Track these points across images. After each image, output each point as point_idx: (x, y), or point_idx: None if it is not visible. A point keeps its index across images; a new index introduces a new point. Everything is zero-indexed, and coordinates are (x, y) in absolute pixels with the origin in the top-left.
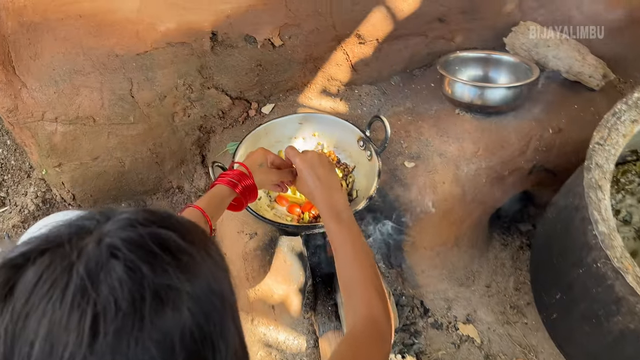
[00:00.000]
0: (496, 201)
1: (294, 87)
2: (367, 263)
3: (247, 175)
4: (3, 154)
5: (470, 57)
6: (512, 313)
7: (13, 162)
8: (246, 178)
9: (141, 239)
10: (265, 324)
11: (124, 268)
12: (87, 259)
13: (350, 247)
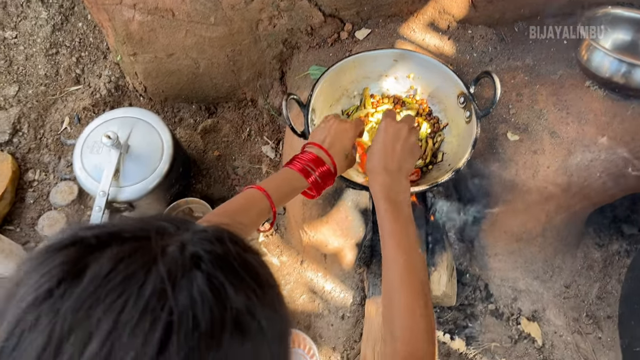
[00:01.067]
0: (606, 199)
1: (397, 13)
2: (419, 271)
3: (323, 162)
4: (82, 29)
5: (624, 16)
6: (586, 323)
7: (91, 39)
8: (323, 164)
9: (227, 256)
10: (315, 270)
11: (207, 282)
12: (170, 262)
13: (405, 245)
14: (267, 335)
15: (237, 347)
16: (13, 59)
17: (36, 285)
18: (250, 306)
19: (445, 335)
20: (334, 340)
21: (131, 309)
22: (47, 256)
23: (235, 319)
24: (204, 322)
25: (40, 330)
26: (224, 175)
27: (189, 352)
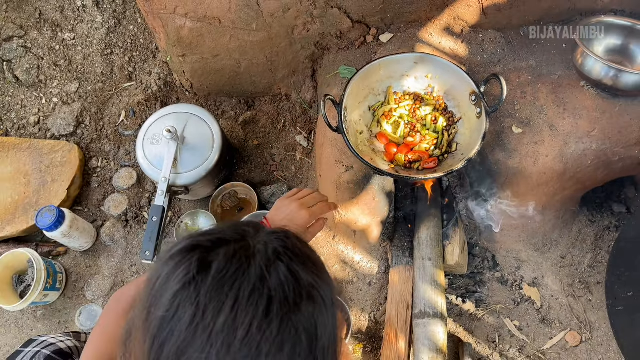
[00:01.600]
0: (596, 183)
1: (417, 19)
2: None
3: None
4: (134, 31)
5: (616, 24)
6: (579, 287)
7: (142, 41)
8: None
9: (295, 249)
10: (345, 243)
11: (287, 269)
12: (262, 255)
13: None
14: (326, 301)
15: (310, 311)
16: (72, 58)
17: (181, 276)
18: (314, 282)
19: (458, 299)
20: (362, 302)
21: (245, 289)
22: (181, 257)
23: (307, 292)
24: (291, 294)
25: (191, 304)
26: (263, 161)
27: (283, 315)
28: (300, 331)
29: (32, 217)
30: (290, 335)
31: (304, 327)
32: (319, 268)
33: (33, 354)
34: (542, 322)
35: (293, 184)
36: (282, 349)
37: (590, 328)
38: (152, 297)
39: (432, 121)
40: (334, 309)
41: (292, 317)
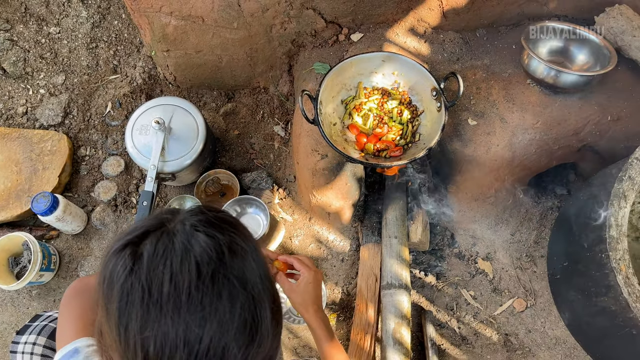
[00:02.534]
0: (540, 169)
1: (384, 21)
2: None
3: None
4: (118, 26)
5: (557, 28)
6: (525, 261)
7: (126, 35)
8: None
9: (210, 219)
10: (320, 224)
11: (205, 236)
12: (181, 233)
13: (337, 349)
14: (247, 249)
15: (235, 261)
16: (58, 51)
17: (121, 271)
18: (232, 238)
19: (420, 273)
20: (336, 277)
21: (175, 262)
22: (117, 256)
23: (228, 247)
24: (213, 254)
25: (137, 289)
26: (244, 150)
27: (213, 271)
28: (231, 279)
29: (25, 202)
30: (223, 285)
31: (233, 275)
32: (235, 226)
33: (41, 327)
34: (494, 291)
35: (272, 170)
36: (220, 297)
37: (535, 295)
38: (105, 295)
39: (398, 114)
40: (256, 253)
41: (220, 271)
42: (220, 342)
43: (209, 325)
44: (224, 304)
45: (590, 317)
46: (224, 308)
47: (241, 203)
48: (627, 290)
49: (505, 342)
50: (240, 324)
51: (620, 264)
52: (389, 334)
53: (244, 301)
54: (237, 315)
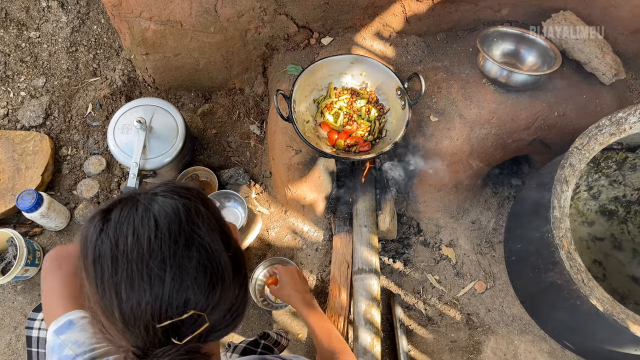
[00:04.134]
0: (496, 161)
1: (352, 26)
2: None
3: None
4: (97, 31)
5: (508, 32)
6: (485, 246)
7: (105, 39)
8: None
9: (172, 187)
10: (295, 216)
11: (164, 198)
12: (144, 199)
13: (326, 323)
14: (201, 211)
15: (190, 217)
16: (38, 55)
17: (92, 232)
18: (190, 201)
19: (389, 260)
20: (311, 265)
21: (137, 220)
22: (90, 222)
23: (184, 206)
24: (169, 211)
25: (105, 244)
26: (221, 148)
27: (168, 223)
28: (186, 230)
29: (8, 201)
30: (179, 234)
31: (190, 227)
32: (195, 193)
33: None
34: (457, 275)
35: (248, 167)
36: (177, 244)
37: (494, 278)
38: (82, 255)
39: (366, 112)
40: (212, 213)
41: (176, 223)
42: (182, 285)
43: (169, 268)
44: (182, 251)
45: (540, 293)
46: (181, 253)
47: (220, 197)
48: (569, 263)
49: (468, 321)
50: (200, 270)
51: (563, 240)
52: (360, 315)
53: (201, 249)
54: (195, 260)
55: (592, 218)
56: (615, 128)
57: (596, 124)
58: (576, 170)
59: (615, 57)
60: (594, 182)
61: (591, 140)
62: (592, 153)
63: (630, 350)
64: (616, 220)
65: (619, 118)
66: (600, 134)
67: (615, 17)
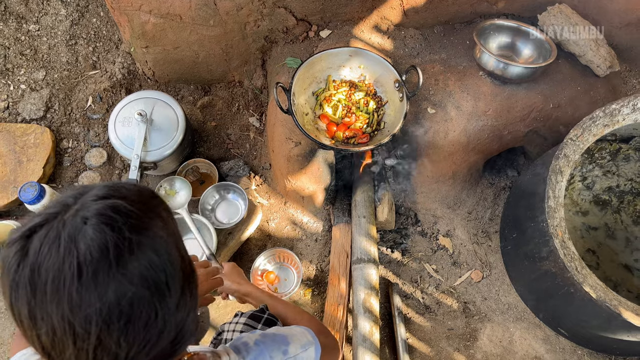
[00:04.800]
0: (492, 152)
1: (350, 19)
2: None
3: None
4: (96, 24)
5: (505, 25)
6: (481, 236)
7: (104, 32)
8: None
9: (103, 209)
10: (295, 208)
11: (93, 230)
12: (69, 228)
13: (290, 305)
14: (144, 243)
15: (121, 259)
16: (38, 48)
17: (12, 262)
18: (121, 234)
19: (387, 250)
20: (310, 256)
21: (58, 261)
22: (12, 247)
23: (114, 244)
24: (96, 253)
25: (22, 281)
26: (221, 140)
27: (94, 271)
28: (116, 276)
29: (11, 193)
30: (107, 283)
31: (120, 272)
32: (137, 215)
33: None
34: (454, 264)
35: (248, 159)
36: (105, 294)
37: (490, 267)
38: (3, 286)
39: (365, 104)
40: (160, 243)
41: (103, 270)
42: (106, 343)
43: (95, 325)
44: (109, 300)
45: (535, 281)
46: (109, 308)
47: (220, 189)
48: (563, 252)
49: (464, 309)
50: (132, 322)
51: (557, 229)
52: (359, 303)
53: (134, 296)
54: (125, 312)
55: (586, 208)
56: (609, 119)
57: (590, 116)
58: (570, 161)
59: (610, 50)
60: (588, 172)
61: (585, 132)
62: (587, 144)
63: (622, 336)
64: (610, 210)
65: (612, 110)
66: (594, 125)
67: (610, 10)
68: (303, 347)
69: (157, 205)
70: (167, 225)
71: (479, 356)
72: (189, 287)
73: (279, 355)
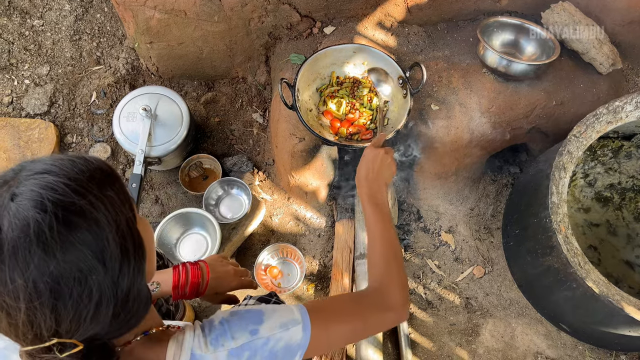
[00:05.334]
0: (495, 149)
1: (354, 15)
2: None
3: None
4: (101, 19)
5: (508, 23)
6: (484, 232)
7: (108, 28)
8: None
9: (35, 185)
10: (298, 204)
11: (17, 208)
12: (1, 197)
13: (381, 228)
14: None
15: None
16: (42, 43)
17: None
18: (41, 218)
19: None
20: (313, 251)
21: None
22: None
23: (36, 227)
24: (17, 230)
25: None
26: (224, 136)
27: (14, 247)
28: (37, 252)
29: None
30: (30, 258)
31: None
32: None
33: None
34: (456, 260)
35: (252, 155)
36: (27, 268)
37: (492, 263)
38: None
39: (368, 101)
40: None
41: (24, 246)
42: (37, 315)
43: (22, 298)
44: (33, 276)
45: (537, 277)
46: (32, 281)
47: (224, 184)
48: (566, 247)
49: (466, 304)
50: (62, 298)
51: (561, 225)
52: None
53: (59, 273)
54: (50, 288)
55: (588, 205)
56: (612, 116)
57: (593, 113)
58: (574, 157)
59: (612, 48)
60: (590, 169)
61: (589, 128)
62: (590, 141)
63: (624, 331)
64: (611, 207)
65: (615, 107)
66: (597, 122)
67: (613, 8)
68: (283, 327)
69: (102, 184)
70: (107, 205)
71: (480, 351)
72: (130, 262)
73: (244, 335)
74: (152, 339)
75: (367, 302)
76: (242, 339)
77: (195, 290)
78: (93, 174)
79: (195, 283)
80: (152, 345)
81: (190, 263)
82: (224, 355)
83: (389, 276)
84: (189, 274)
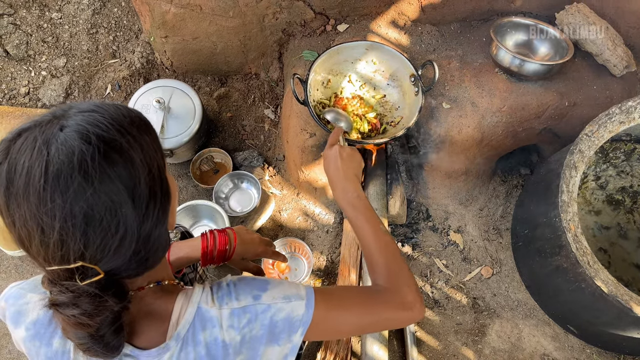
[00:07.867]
0: (506, 149)
1: (368, 14)
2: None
3: (226, 251)
4: (117, 13)
5: (522, 23)
6: (492, 233)
7: (125, 22)
8: (224, 252)
9: (82, 120)
10: (307, 199)
11: (64, 137)
12: (47, 133)
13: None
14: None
15: (84, 167)
16: (59, 36)
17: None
18: (85, 149)
19: (398, 243)
20: (321, 247)
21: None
22: (1, 146)
23: (79, 156)
24: (64, 157)
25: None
26: (236, 131)
27: (57, 170)
28: (78, 179)
29: None
30: (70, 183)
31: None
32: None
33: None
34: (464, 260)
35: (262, 150)
36: (67, 191)
37: (500, 264)
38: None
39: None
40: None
41: (67, 170)
42: (68, 236)
43: (58, 219)
44: (71, 201)
45: (546, 277)
46: (70, 204)
47: (234, 178)
48: (576, 246)
49: (474, 304)
50: (92, 223)
51: (570, 224)
52: None
53: (94, 201)
54: (84, 213)
55: (599, 207)
56: (624, 116)
57: (606, 112)
58: (585, 156)
59: (627, 50)
60: (602, 172)
61: (601, 128)
62: (602, 140)
63: (633, 333)
64: (622, 210)
65: (628, 107)
66: (610, 121)
67: (627, 10)
68: (285, 298)
69: (140, 129)
70: (143, 148)
71: (487, 351)
72: (156, 205)
73: (247, 298)
74: (164, 289)
75: (380, 298)
76: (245, 302)
77: (223, 256)
78: (133, 119)
79: (222, 249)
80: (163, 295)
81: (217, 230)
82: (227, 314)
83: (395, 276)
84: (217, 240)
